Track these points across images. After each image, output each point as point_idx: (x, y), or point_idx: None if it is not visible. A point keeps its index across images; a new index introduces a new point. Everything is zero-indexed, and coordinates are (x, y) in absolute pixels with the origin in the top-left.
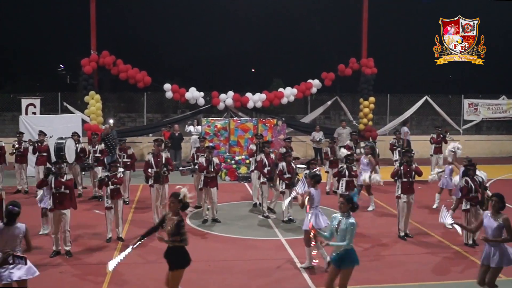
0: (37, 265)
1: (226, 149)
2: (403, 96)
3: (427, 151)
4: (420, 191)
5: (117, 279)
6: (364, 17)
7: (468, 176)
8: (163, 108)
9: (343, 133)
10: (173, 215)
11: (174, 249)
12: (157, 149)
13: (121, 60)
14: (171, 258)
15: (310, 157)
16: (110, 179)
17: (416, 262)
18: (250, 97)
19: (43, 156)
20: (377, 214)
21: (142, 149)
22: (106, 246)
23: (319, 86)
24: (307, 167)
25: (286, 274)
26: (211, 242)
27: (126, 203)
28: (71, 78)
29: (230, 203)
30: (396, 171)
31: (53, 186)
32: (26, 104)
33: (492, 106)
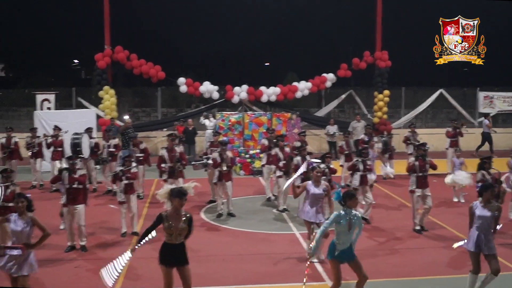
0: (51, 260)
1: (240, 143)
2: (417, 89)
3: (443, 145)
4: (435, 185)
5: (131, 273)
6: (378, 10)
7: (484, 169)
8: (177, 102)
9: (358, 126)
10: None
11: (183, 245)
12: (171, 144)
13: (135, 55)
14: (182, 254)
15: (324, 151)
16: (124, 174)
17: (431, 256)
18: (264, 90)
19: (58, 151)
20: (392, 208)
21: (157, 143)
22: (121, 241)
23: (333, 80)
24: (322, 161)
25: (299, 266)
26: (226, 236)
27: (140, 198)
28: (85, 73)
29: (244, 197)
30: (411, 166)
31: (66, 182)
32: (41, 99)
33: (508, 99)
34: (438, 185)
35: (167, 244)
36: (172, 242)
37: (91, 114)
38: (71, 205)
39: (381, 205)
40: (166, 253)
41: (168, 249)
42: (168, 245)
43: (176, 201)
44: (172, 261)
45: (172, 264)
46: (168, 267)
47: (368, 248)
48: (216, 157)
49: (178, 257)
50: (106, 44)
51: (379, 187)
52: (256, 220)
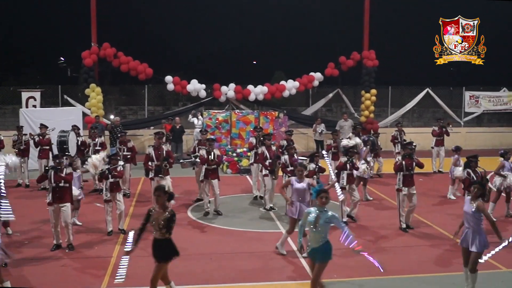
0: (38, 259)
1: (227, 141)
2: (404, 88)
3: (429, 143)
4: (421, 183)
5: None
6: (366, 9)
7: (470, 168)
8: (165, 100)
9: (345, 125)
10: (160, 208)
11: (166, 241)
12: (158, 142)
13: (122, 53)
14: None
15: (312, 150)
16: (110, 172)
17: (417, 254)
18: (252, 89)
19: (45, 150)
20: (379, 207)
21: (143, 142)
22: (107, 239)
23: (321, 79)
24: (311, 160)
25: (286, 264)
26: (213, 234)
27: (127, 196)
28: (72, 70)
29: (231, 195)
30: (399, 165)
31: (52, 181)
32: (26, 97)
33: (493, 98)
34: (424, 184)
35: (154, 238)
36: (156, 237)
37: (77, 112)
38: (57, 204)
39: (368, 203)
40: (153, 247)
41: (154, 244)
42: (154, 239)
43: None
44: (154, 255)
45: (155, 258)
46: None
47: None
48: (203, 153)
49: (157, 251)
50: (93, 42)
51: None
52: (243, 219)
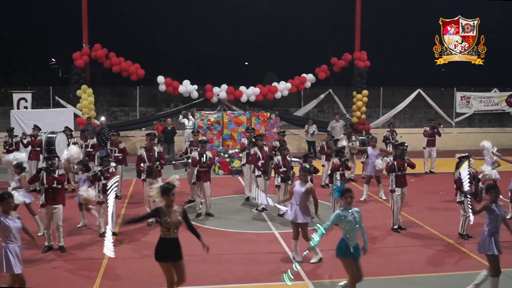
0: (29, 260)
1: (219, 142)
2: (395, 89)
3: (420, 144)
4: (413, 184)
5: (110, 273)
6: (357, 10)
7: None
8: (156, 101)
9: (337, 126)
10: (169, 207)
11: (178, 240)
12: (149, 143)
13: (114, 53)
14: (178, 249)
15: (304, 150)
16: (103, 174)
17: (409, 254)
18: (244, 90)
19: (37, 151)
20: (370, 207)
21: (135, 143)
22: (99, 241)
23: (313, 80)
24: (304, 161)
25: (279, 266)
26: (205, 236)
27: (119, 198)
28: (63, 72)
29: (223, 197)
30: (391, 166)
31: (45, 182)
32: (17, 98)
33: (484, 99)
34: (416, 184)
35: (163, 239)
36: (169, 237)
37: (69, 114)
38: (50, 205)
39: (360, 204)
40: (163, 249)
41: (165, 244)
42: (164, 240)
43: (165, 198)
44: (169, 256)
45: (170, 259)
46: (167, 262)
47: None
48: (195, 155)
49: (174, 251)
50: (84, 43)
51: (358, 187)
52: (235, 220)
